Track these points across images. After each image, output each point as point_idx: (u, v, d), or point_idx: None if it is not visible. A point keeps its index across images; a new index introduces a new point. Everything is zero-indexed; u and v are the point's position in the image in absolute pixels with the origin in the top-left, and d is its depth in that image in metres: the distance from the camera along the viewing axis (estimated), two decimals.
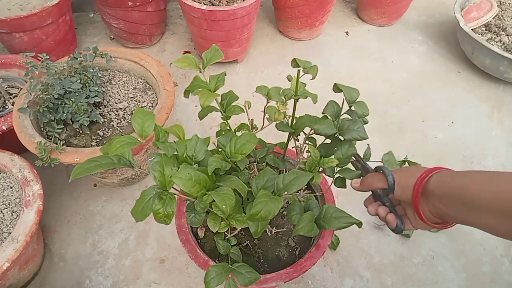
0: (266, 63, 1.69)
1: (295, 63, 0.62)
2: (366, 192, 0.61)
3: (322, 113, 0.68)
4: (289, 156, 0.93)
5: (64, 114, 0.98)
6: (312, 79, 0.62)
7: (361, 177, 0.61)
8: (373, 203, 0.59)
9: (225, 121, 0.71)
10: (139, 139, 0.56)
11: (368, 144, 0.71)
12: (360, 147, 0.68)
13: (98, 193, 1.23)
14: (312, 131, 0.66)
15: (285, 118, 0.69)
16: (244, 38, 1.54)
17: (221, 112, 0.70)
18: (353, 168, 0.73)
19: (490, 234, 0.41)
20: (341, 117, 0.66)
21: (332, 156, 0.65)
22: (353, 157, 0.62)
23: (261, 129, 0.71)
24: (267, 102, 0.67)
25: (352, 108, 0.65)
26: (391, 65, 1.72)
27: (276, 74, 1.64)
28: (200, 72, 0.62)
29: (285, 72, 1.64)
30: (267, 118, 0.68)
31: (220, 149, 0.64)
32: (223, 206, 0.50)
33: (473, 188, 0.40)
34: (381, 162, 0.64)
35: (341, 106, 0.67)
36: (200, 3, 1.36)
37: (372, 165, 0.62)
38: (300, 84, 0.62)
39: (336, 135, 0.65)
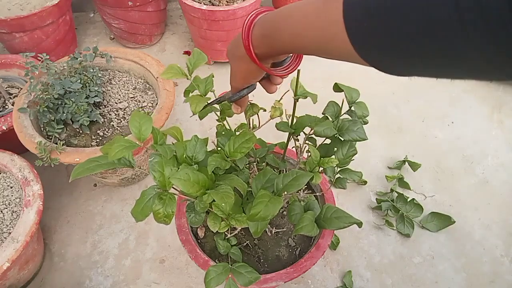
0: None
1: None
2: (366, 193, 0.61)
3: (322, 114, 0.68)
4: (289, 156, 0.93)
5: (64, 114, 0.98)
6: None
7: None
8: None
9: (221, 123, 0.71)
10: (137, 142, 0.56)
11: None
12: (359, 146, 0.68)
13: (98, 193, 1.23)
14: (312, 131, 0.66)
15: (283, 116, 0.69)
16: None
17: (218, 114, 0.69)
18: (353, 169, 0.73)
19: (490, 234, 0.41)
20: (341, 118, 0.67)
21: (333, 156, 0.65)
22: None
23: (259, 127, 0.71)
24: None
25: (352, 108, 0.65)
26: None
27: None
28: (187, 79, 0.61)
29: None
30: (270, 114, 0.68)
31: (219, 148, 0.64)
32: (223, 204, 0.50)
33: (277, 37, 0.39)
34: None
35: (341, 106, 0.67)
36: (200, 3, 1.36)
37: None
38: (299, 84, 0.62)
39: (335, 136, 0.65)
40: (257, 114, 0.67)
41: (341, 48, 0.31)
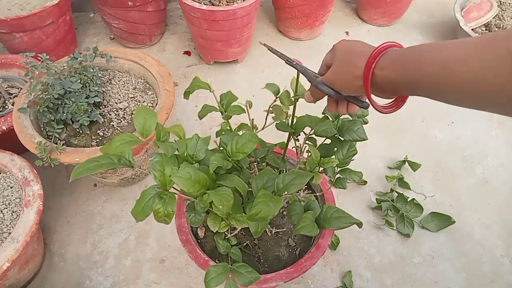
0: (266, 63, 1.69)
1: None
2: (366, 193, 0.61)
3: (322, 113, 0.68)
4: (289, 156, 0.93)
5: (64, 114, 0.98)
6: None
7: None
8: (331, 104, 0.54)
9: (226, 121, 0.71)
10: (140, 137, 0.56)
11: None
12: (359, 146, 0.68)
13: (98, 193, 1.23)
14: (312, 131, 0.66)
15: (286, 118, 0.69)
16: (244, 38, 1.53)
17: (221, 112, 0.70)
18: (353, 169, 0.73)
19: (490, 234, 0.40)
20: (341, 117, 0.67)
21: (333, 156, 0.65)
22: (291, 63, 0.56)
23: (263, 128, 0.71)
24: (274, 101, 0.67)
25: None
26: None
27: (276, 74, 1.64)
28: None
29: (285, 72, 1.64)
30: (272, 117, 0.68)
31: (221, 148, 0.64)
32: (220, 206, 0.50)
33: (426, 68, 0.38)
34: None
35: None
36: (200, 3, 1.36)
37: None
38: (299, 84, 0.62)
39: (336, 136, 0.65)
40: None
41: (506, 89, 0.30)
